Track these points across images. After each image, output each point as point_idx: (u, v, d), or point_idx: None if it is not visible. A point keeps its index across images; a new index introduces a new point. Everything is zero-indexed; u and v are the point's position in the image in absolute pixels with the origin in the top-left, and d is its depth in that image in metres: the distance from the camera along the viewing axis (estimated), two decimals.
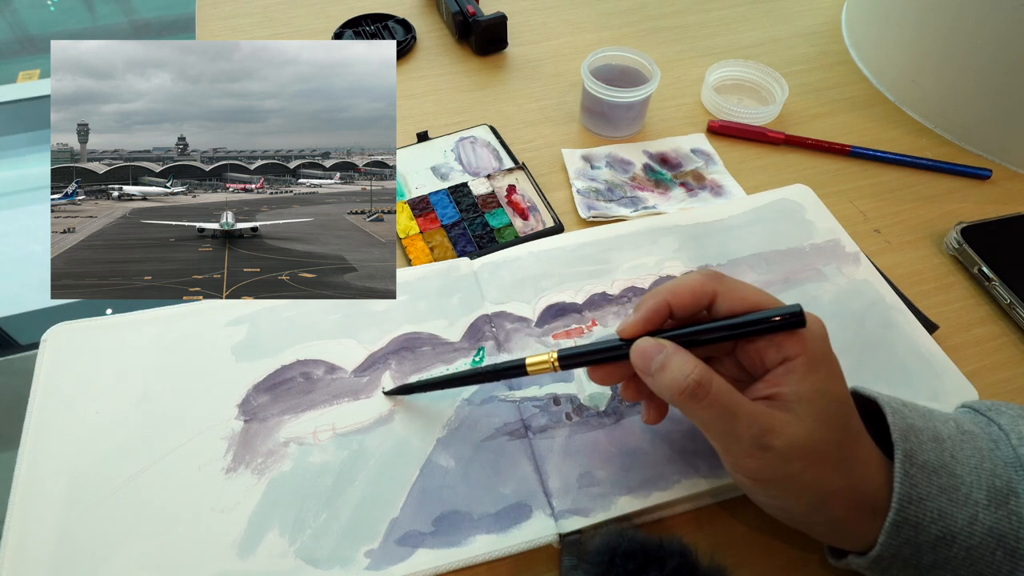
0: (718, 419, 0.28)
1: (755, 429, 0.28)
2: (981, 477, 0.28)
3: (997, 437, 0.30)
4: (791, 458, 0.28)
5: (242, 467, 0.36)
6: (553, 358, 0.32)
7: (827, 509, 0.28)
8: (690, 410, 0.29)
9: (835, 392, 0.29)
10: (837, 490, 0.28)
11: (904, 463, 0.28)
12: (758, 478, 0.29)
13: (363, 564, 0.33)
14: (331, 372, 0.40)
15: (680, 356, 0.29)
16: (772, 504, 0.30)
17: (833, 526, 0.29)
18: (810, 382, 0.28)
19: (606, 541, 0.31)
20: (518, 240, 0.48)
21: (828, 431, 0.28)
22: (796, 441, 0.27)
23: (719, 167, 0.54)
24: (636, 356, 0.30)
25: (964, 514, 0.27)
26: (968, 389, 0.39)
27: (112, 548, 0.33)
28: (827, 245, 0.46)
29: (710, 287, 0.31)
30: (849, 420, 0.29)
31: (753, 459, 0.28)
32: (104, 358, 0.40)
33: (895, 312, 0.42)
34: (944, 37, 0.53)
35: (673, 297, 0.31)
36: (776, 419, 0.28)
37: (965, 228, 0.47)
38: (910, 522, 0.28)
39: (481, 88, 0.61)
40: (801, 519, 0.30)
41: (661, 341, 0.30)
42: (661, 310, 0.31)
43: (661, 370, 0.29)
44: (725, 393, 0.28)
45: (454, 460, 0.36)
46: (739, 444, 0.28)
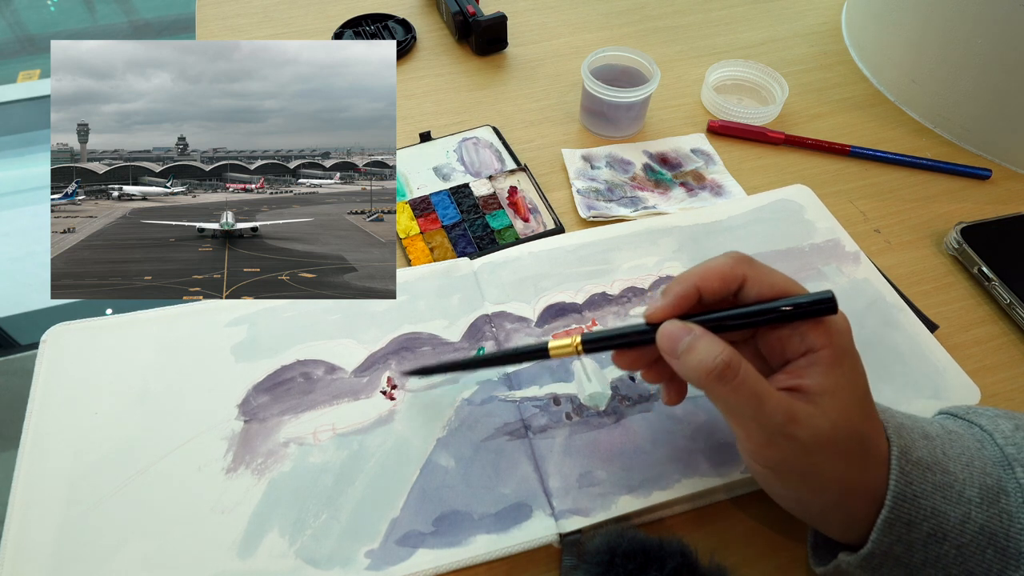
0: (745, 403, 0.28)
1: (780, 417, 0.27)
2: (973, 475, 0.28)
3: (981, 437, 0.31)
4: (814, 450, 0.27)
5: (242, 467, 0.36)
6: (576, 342, 0.32)
7: (846, 505, 0.28)
8: (717, 393, 0.28)
9: (858, 386, 0.29)
10: (856, 486, 0.28)
11: (900, 459, 0.28)
12: (779, 468, 0.28)
13: (363, 564, 0.33)
14: (331, 372, 0.40)
15: (708, 338, 0.28)
16: (788, 496, 0.30)
17: (849, 522, 0.29)
18: (835, 376, 0.28)
19: (606, 541, 0.31)
20: (518, 242, 0.48)
21: (852, 426, 0.28)
22: (821, 433, 0.27)
23: (719, 167, 0.54)
24: (663, 339, 0.29)
25: (957, 512, 0.27)
26: (971, 387, 0.39)
27: (112, 548, 0.33)
28: (827, 245, 0.46)
29: (739, 271, 0.30)
30: (870, 416, 0.29)
31: (775, 448, 0.28)
32: (104, 358, 0.40)
33: (896, 311, 0.42)
34: (944, 37, 0.53)
35: (702, 282, 0.30)
36: (801, 410, 0.27)
37: (965, 228, 0.47)
38: (903, 519, 0.27)
39: (481, 88, 0.61)
40: (818, 513, 0.29)
41: (689, 324, 0.29)
42: (690, 296, 0.30)
43: (688, 352, 0.28)
44: (753, 378, 0.28)
45: (454, 460, 0.36)
46: (763, 431, 0.28)
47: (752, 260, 0.30)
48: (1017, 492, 0.28)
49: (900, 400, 0.38)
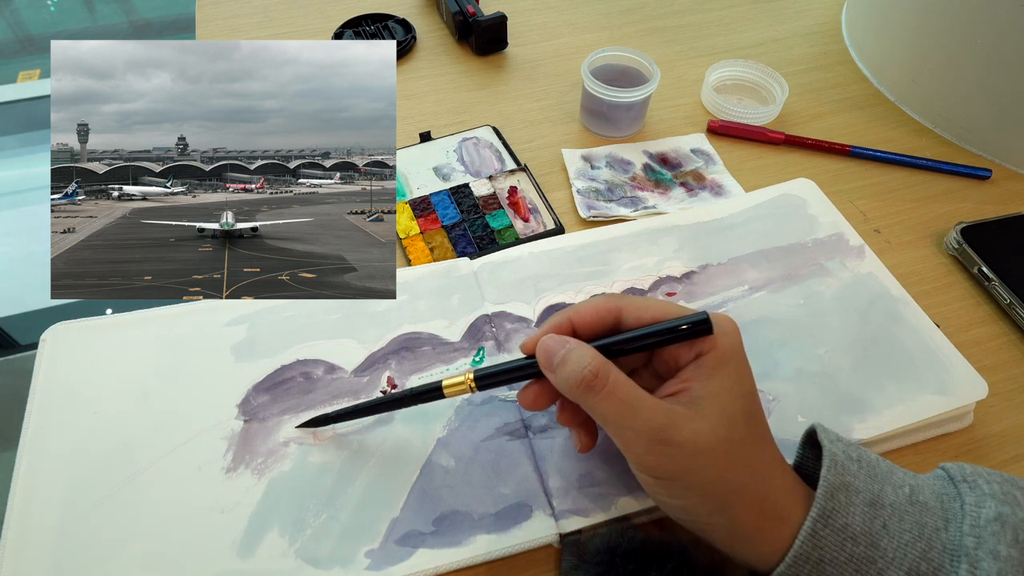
0: (617, 413, 0.28)
1: (655, 423, 0.27)
2: (908, 556, 0.26)
3: (952, 517, 0.27)
4: (694, 453, 0.27)
5: (242, 467, 0.36)
6: (469, 379, 0.32)
7: (730, 509, 0.27)
8: (590, 404, 0.29)
9: (742, 390, 0.29)
10: (740, 489, 0.27)
11: (816, 522, 0.26)
12: (660, 475, 0.28)
13: (363, 564, 0.33)
14: (331, 372, 0.40)
15: (580, 350, 0.29)
16: (675, 505, 0.29)
17: (736, 531, 0.28)
18: (718, 379, 0.28)
19: (606, 541, 0.31)
20: (518, 242, 0.48)
21: (732, 429, 0.28)
22: (699, 436, 0.27)
23: (719, 167, 0.54)
24: (540, 353, 0.30)
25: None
26: (979, 382, 0.38)
27: (112, 548, 0.33)
28: (830, 239, 0.46)
29: (613, 303, 0.31)
30: (755, 420, 0.29)
31: (654, 455, 0.28)
32: (104, 358, 0.40)
33: (901, 305, 0.42)
34: (944, 37, 0.53)
35: (576, 315, 0.31)
36: (678, 414, 0.27)
37: (965, 228, 0.47)
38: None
39: (481, 88, 0.61)
40: (705, 521, 0.28)
41: (565, 338, 0.30)
42: (563, 327, 0.31)
43: (562, 364, 0.29)
44: (624, 386, 0.28)
45: (454, 460, 0.36)
46: (639, 439, 0.28)
47: (625, 295, 0.32)
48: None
49: (905, 396, 0.38)
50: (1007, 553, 0.25)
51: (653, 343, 0.30)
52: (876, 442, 0.37)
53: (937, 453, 0.38)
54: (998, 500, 0.27)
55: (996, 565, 0.25)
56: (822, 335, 0.41)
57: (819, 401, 0.38)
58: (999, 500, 0.27)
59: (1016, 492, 0.27)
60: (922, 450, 0.38)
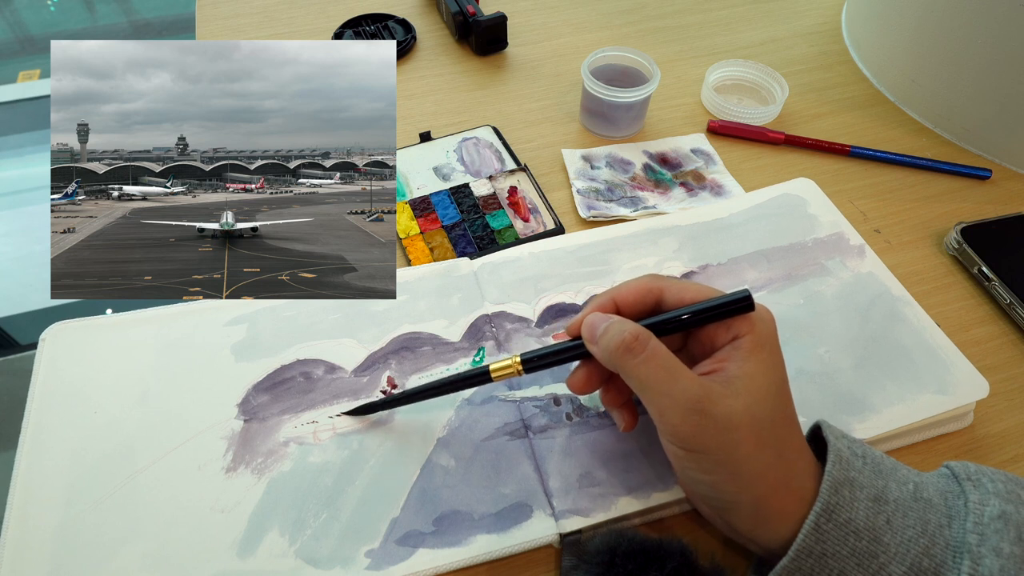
0: (656, 378, 0.28)
1: (692, 393, 0.28)
2: (911, 552, 0.26)
3: (956, 514, 0.27)
4: (728, 428, 0.27)
5: (242, 467, 0.36)
6: (516, 362, 0.33)
7: (756, 488, 0.28)
8: (630, 368, 0.29)
9: (776, 375, 0.29)
10: (767, 469, 0.28)
11: (819, 516, 0.27)
12: (693, 448, 0.28)
13: (363, 564, 0.33)
14: (331, 372, 0.40)
15: (622, 321, 0.30)
16: (704, 481, 0.29)
17: (759, 509, 0.28)
18: (753, 362, 0.29)
19: (606, 541, 0.31)
20: (518, 242, 0.48)
21: (764, 409, 0.28)
22: (734, 411, 0.27)
23: (719, 167, 0.54)
24: (585, 328, 0.31)
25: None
26: (979, 381, 0.38)
27: (112, 548, 0.33)
28: (831, 238, 0.46)
29: (655, 285, 0.32)
30: (786, 404, 0.30)
31: (689, 425, 0.28)
32: (103, 357, 0.40)
33: (902, 304, 0.42)
34: (944, 37, 0.53)
35: (619, 295, 0.32)
36: (714, 390, 0.28)
37: (965, 228, 0.47)
38: (804, 571, 0.27)
39: (481, 88, 0.61)
40: (731, 500, 0.28)
41: (609, 315, 0.31)
42: (606, 307, 0.32)
43: (604, 334, 0.30)
44: (664, 354, 0.29)
45: (454, 460, 0.36)
46: (676, 408, 0.28)
47: (666, 277, 0.33)
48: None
49: (905, 396, 0.38)
50: (1010, 551, 0.25)
51: (698, 320, 0.30)
52: (877, 442, 0.37)
53: (937, 453, 0.38)
54: (1002, 498, 0.27)
55: (998, 562, 0.25)
56: (822, 335, 0.41)
57: (819, 400, 0.38)
58: (1003, 498, 0.27)
59: (1020, 491, 0.28)
60: (922, 450, 0.38)
